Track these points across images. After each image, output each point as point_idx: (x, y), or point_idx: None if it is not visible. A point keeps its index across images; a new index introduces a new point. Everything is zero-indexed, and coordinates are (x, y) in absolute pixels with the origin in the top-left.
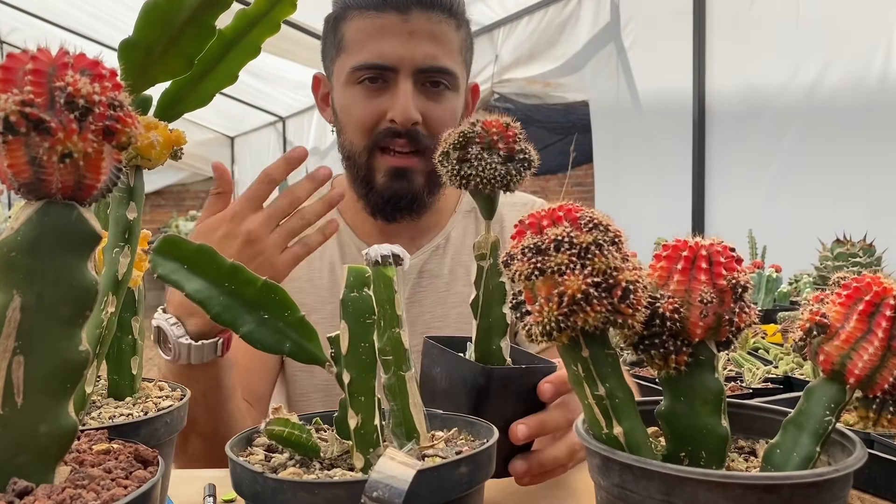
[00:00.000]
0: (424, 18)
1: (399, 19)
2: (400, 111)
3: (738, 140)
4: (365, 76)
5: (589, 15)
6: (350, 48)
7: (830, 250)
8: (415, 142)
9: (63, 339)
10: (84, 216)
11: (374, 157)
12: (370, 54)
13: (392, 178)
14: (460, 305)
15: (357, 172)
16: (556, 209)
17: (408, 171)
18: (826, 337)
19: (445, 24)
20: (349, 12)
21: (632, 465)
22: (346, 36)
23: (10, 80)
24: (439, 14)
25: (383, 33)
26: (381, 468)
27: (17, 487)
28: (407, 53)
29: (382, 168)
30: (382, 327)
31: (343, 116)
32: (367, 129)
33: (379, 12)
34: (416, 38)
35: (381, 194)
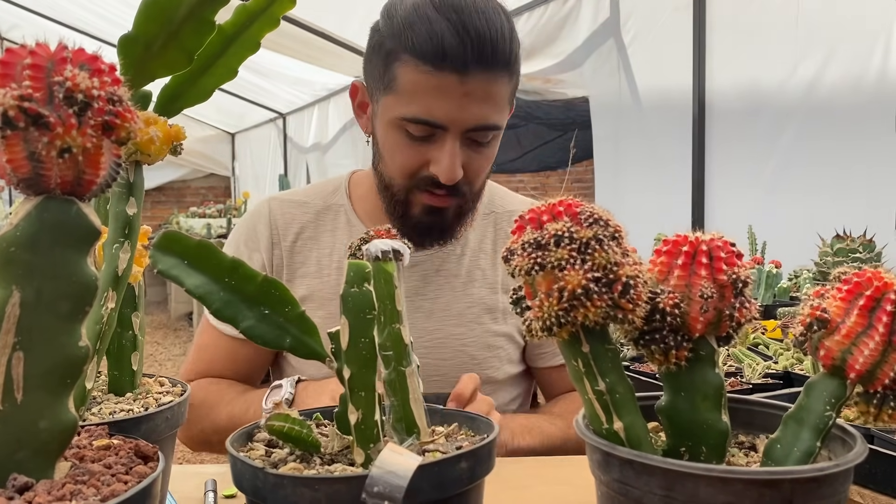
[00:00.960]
0: (482, 79)
1: (456, 80)
2: (445, 171)
3: (739, 136)
4: (412, 127)
5: (589, 11)
6: (400, 95)
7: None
8: (454, 192)
9: (63, 335)
10: (83, 211)
11: (412, 194)
12: (421, 110)
13: (427, 214)
14: (475, 305)
15: (392, 201)
16: (557, 204)
17: (443, 209)
18: (827, 332)
19: (500, 81)
20: (404, 55)
21: (632, 460)
22: (398, 81)
23: (9, 75)
24: (497, 71)
25: (438, 93)
26: (381, 463)
27: (18, 483)
28: (459, 115)
29: (419, 204)
30: (383, 323)
31: (385, 152)
32: (409, 174)
33: (436, 69)
34: (470, 99)
35: (415, 226)
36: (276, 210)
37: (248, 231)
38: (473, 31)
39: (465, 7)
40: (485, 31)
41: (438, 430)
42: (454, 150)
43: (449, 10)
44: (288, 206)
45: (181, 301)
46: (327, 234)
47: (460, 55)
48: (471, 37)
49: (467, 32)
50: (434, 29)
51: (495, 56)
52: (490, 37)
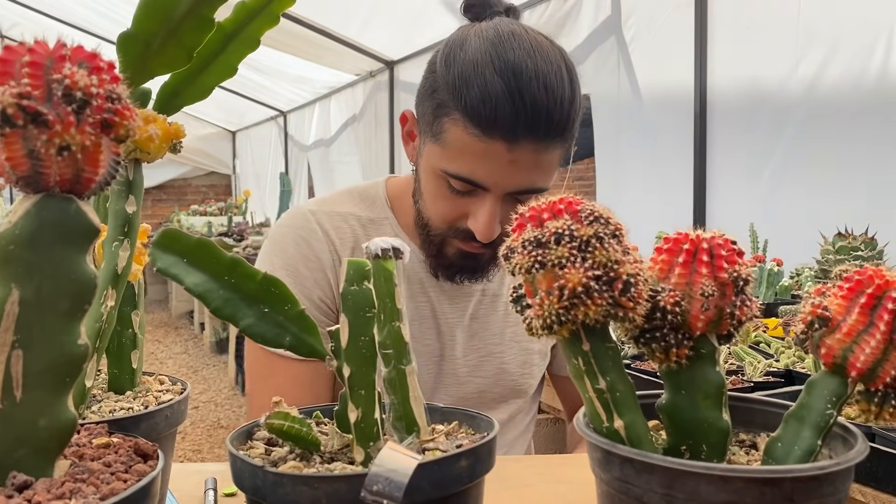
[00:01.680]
0: (531, 149)
1: (504, 148)
2: (481, 230)
3: (740, 134)
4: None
5: (590, 9)
6: (446, 149)
7: (832, 244)
8: (490, 245)
9: (62, 333)
10: (82, 209)
11: (447, 237)
12: (464, 170)
13: (461, 258)
14: (518, 324)
15: (428, 239)
16: (557, 202)
17: (476, 256)
18: (828, 330)
19: (552, 149)
20: (455, 112)
21: (633, 458)
22: (446, 135)
23: (8, 73)
24: (549, 142)
25: (484, 157)
26: (381, 462)
27: (17, 481)
28: (503, 181)
29: (454, 247)
30: (382, 321)
31: (426, 195)
32: (446, 222)
33: (485, 135)
34: (516, 167)
35: (449, 266)
36: (326, 223)
37: (302, 251)
38: (530, 99)
39: (525, 71)
40: (542, 101)
41: (438, 429)
42: (493, 210)
43: (508, 73)
44: (336, 218)
45: (182, 299)
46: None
47: (512, 124)
48: (525, 106)
49: (522, 101)
50: (489, 92)
51: (549, 126)
52: (547, 107)
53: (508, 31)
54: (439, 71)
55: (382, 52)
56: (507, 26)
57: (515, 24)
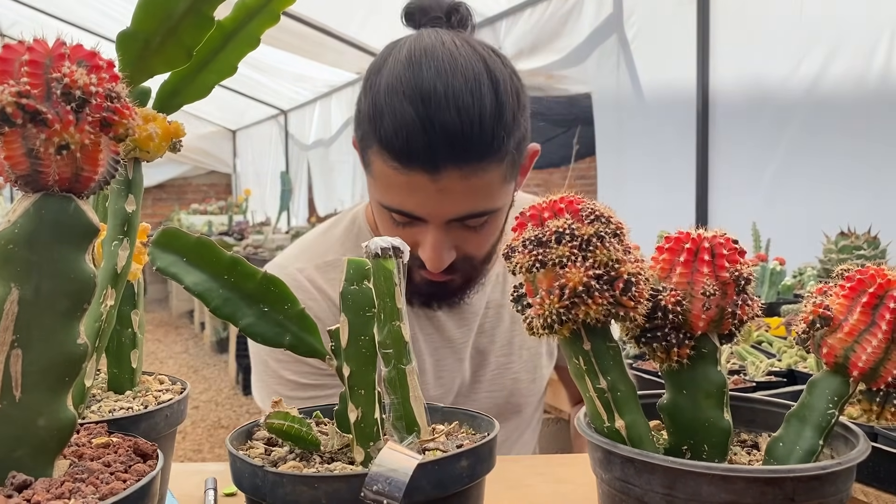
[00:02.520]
0: (457, 175)
1: (427, 179)
2: (429, 262)
3: (743, 132)
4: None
5: (592, 7)
6: (376, 181)
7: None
8: (449, 271)
9: (61, 333)
10: (81, 208)
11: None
12: (394, 203)
13: (429, 285)
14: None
15: None
16: (558, 201)
17: (446, 283)
18: (829, 329)
19: (482, 171)
20: (375, 146)
21: (634, 458)
22: (373, 167)
23: (7, 72)
24: (476, 164)
25: (410, 190)
26: (381, 462)
27: (16, 481)
28: (435, 210)
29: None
30: (382, 320)
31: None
32: None
33: (404, 167)
34: (446, 195)
35: (420, 294)
36: (318, 279)
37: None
38: (441, 125)
39: (434, 95)
40: (455, 126)
41: (439, 429)
42: (436, 240)
43: (417, 100)
44: (328, 270)
45: (182, 299)
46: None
47: (428, 154)
48: (438, 134)
49: (434, 128)
50: (400, 122)
51: (468, 151)
52: (462, 131)
53: (422, 50)
54: (361, 99)
55: None
56: (424, 42)
57: (436, 36)
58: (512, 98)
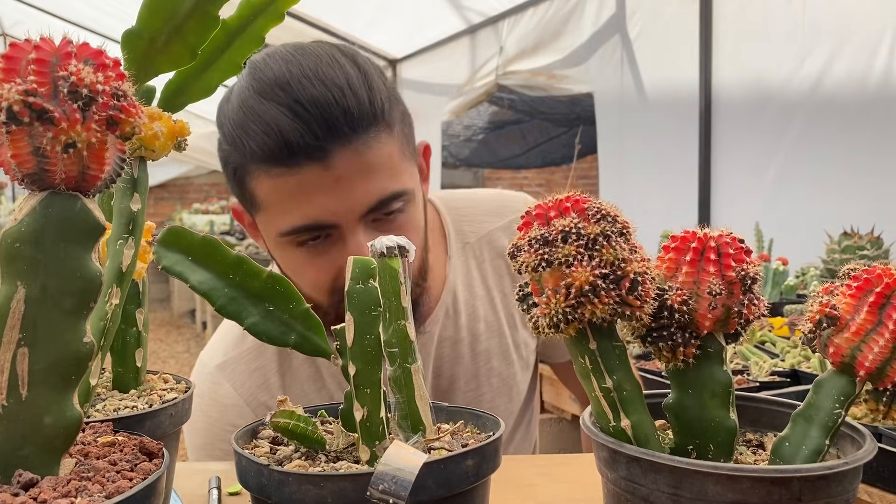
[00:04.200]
0: (348, 155)
1: (319, 169)
2: None
3: (746, 132)
4: (301, 238)
5: (594, 6)
6: (268, 210)
7: (838, 243)
8: None
9: (67, 331)
10: (88, 207)
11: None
12: (296, 218)
13: None
14: (490, 360)
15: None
16: (564, 200)
17: None
18: (836, 329)
19: (376, 143)
20: (251, 166)
21: (639, 457)
22: (259, 196)
23: (14, 70)
24: (365, 135)
25: (304, 192)
26: (387, 461)
27: (23, 479)
28: (342, 206)
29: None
30: (388, 319)
31: (290, 274)
32: (327, 289)
33: (290, 168)
34: (346, 183)
35: None
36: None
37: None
38: (311, 103)
39: (290, 78)
40: (325, 98)
41: (444, 428)
42: (359, 244)
43: (275, 92)
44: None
45: (184, 298)
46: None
47: (308, 139)
48: (309, 111)
49: (304, 107)
50: (266, 121)
51: (352, 120)
52: (335, 101)
53: (261, 57)
54: (221, 142)
55: (386, 51)
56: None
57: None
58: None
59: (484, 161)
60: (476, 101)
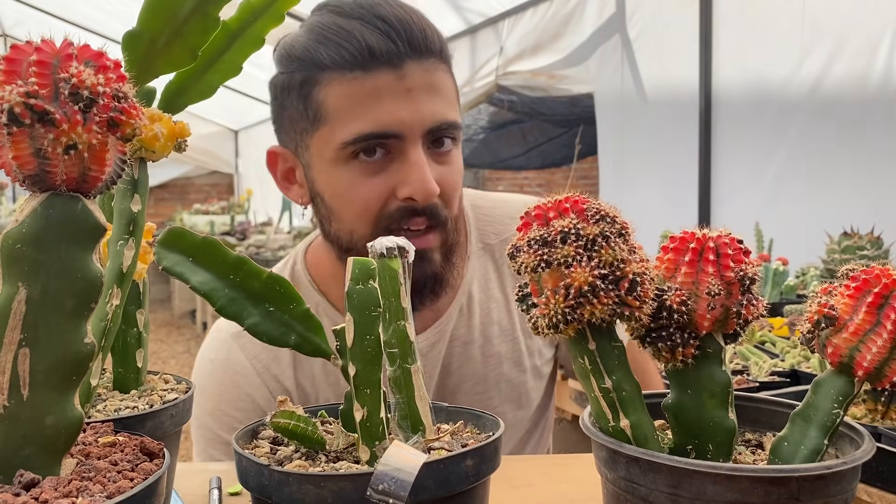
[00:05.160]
0: (421, 70)
1: (393, 77)
2: (420, 187)
3: (745, 132)
4: (361, 150)
5: (594, 6)
6: (334, 119)
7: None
8: (433, 217)
9: (68, 332)
10: (89, 208)
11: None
12: (365, 124)
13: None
14: (501, 365)
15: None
16: (563, 200)
17: (426, 252)
18: (834, 329)
19: (441, 71)
20: (324, 75)
21: (639, 457)
22: (327, 104)
23: (15, 72)
24: (435, 60)
25: (377, 96)
26: (387, 461)
27: (24, 479)
28: (410, 115)
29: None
30: (388, 320)
31: (335, 202)
32: (374, 213)
33: (367, 72)
34: (415, 95)
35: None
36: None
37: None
38: (395, 19)
39: (374, 3)
40: (407, 19)
41: (444, 428)
42: (421, 158)
43: (359, 11)
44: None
45: (184, 298)
46: None
47: (389, 47)
48: (393, 26)
49: (388, 23)
50: (347, 30)
51: (426, 43)
52: (414, 23)
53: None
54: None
55: None
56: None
57: None
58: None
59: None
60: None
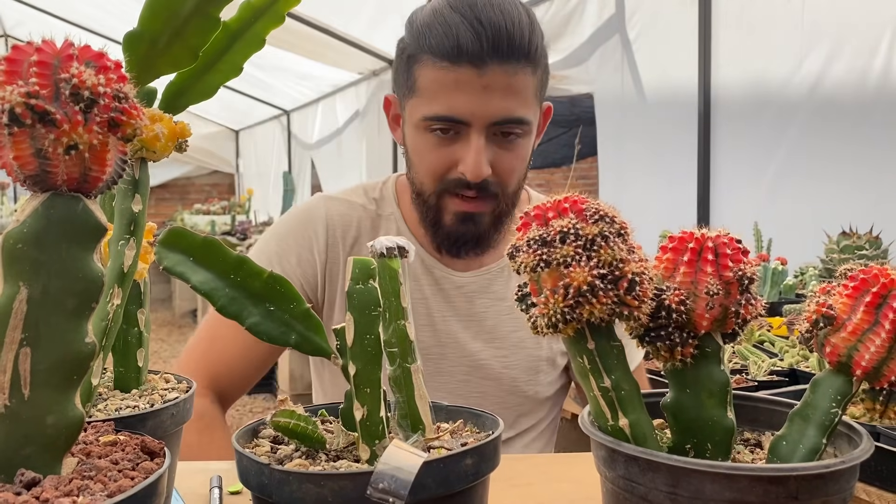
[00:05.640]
0: (501, 71)
1: (474, 74)
2: (471, 168)
3: (745, 133)
4: (436, 126)
5: (594, 7)
6: (422, 95)
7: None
8: (483, 191)
9: (69, 331)
10: (89, 208)
11: (443, 199)
12: (442, 107)
13: (460, 222)
14: (521, 329)
15: (426, 210)
16: (562, 201)
17: (475, 215)
18: (833, 329)
19: (522, 73)
20: (423, 56)
21: (637, 456)
22: (419, 81)
23: (16, 72)
24: (516, 64)
25: (457, 87)
26: (386, 460)
27: (25, 478)
28: (480, 109)
29: (451, 210)
30: (388, 319)
31: (414, 157)
32: (438, 176)
33: (453, 65)
34: (490, 92)
35: (448, 235)
36: (333, 211)
37: (301, 228)
38: (488, 23)
39: (479, 2)
40: (500, 23)
41: (443, 427)
42: (479, 145)
43: (464, 7)
44: (347, 207)
45: (185, 298)
46: None
47: (476, 48)
48: (485, 29)
49: (482, 25)
50: (449, 25)
51: (512, 48)
52: (506, 28)
53: None
54: (406, 35)
55: (386, 51)
56: None
57: None
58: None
59: None
60: None
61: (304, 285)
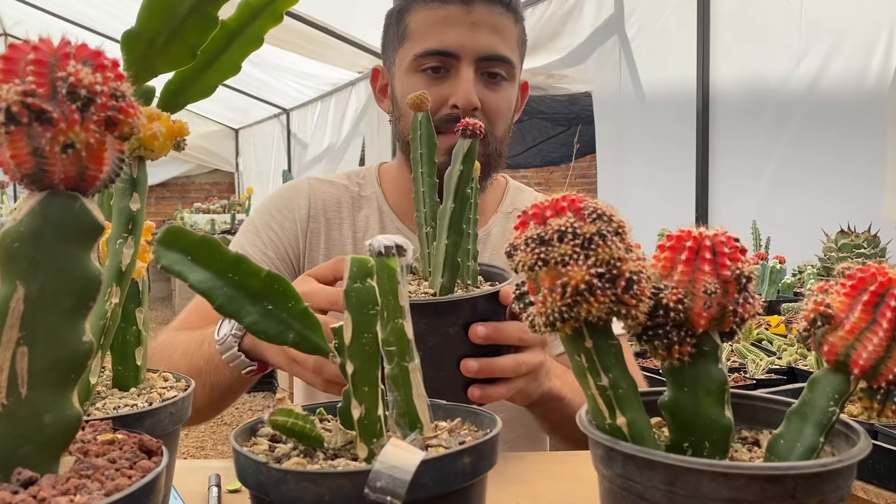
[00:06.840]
0: (486, 10)
1: (462, 10)
2: (462, 97)
3: (743, 131)
4: (427, 64)
5: (592, 6)
6: (413, 37)
7: (835, 241)
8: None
9: (67, 330)
10: (87, 207)
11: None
12: (433, 42)
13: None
14: None
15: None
16: (560, 199)
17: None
18: (830, 327)
19: (505, 18)
20: (414, 4)
21: (635, 455)
22: (411, 26)
23: (12, 71)
24: (499, 7)
25: (447, 23)
26: (384, 458)
27: (22, 477)
28: (469, 42)
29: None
30: (385, 318)
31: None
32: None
33: (443, 4)
34: (477, 28)
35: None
36: (316, 188)
37: (285, 201)
38: None
39: None
40: None
41: (441, 425)
42: (468, 76)
43: None
44: (329, 186)
45: (185, 297)
46: (361, 220)
47: None
48: None
49: None
50: None
51: None
52: None
53: None
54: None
55: None
56: None
57: None
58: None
59: None
60: None
61: (288, 250)
